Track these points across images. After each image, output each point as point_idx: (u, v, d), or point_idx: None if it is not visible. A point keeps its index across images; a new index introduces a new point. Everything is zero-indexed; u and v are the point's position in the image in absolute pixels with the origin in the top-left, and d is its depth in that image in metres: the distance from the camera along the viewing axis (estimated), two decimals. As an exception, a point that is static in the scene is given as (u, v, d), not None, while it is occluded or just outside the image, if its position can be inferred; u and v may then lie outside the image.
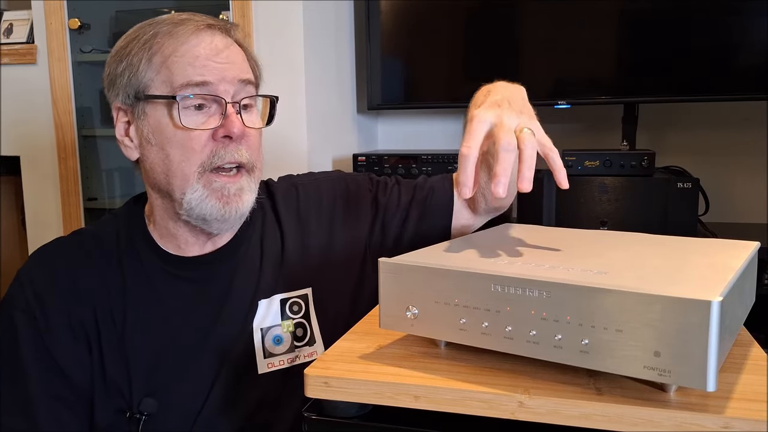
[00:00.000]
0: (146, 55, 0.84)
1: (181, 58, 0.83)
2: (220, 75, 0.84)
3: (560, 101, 1.84)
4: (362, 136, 2.20)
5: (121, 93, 0.86)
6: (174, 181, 0.84)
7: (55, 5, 1.91)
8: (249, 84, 0.87)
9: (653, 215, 1.59)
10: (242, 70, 0.87)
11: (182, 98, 0.82)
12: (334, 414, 0.57)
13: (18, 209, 2.19)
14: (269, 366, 0.91)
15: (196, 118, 0.84)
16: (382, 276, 0.61)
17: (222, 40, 0.86)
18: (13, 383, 0.84)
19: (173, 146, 0.83)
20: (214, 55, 0.84)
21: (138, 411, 0.85)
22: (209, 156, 0.83)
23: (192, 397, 0.87)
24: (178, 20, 0.86)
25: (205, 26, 0.85)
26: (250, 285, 0.92)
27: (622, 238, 0.76)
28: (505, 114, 0.72)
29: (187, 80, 0.82)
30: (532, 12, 1.85)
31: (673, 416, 0.48)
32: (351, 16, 2.13)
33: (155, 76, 0.84)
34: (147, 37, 0.85)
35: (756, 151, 1.90)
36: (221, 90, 0.84)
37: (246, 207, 0.87)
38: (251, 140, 0.87)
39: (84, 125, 1.99)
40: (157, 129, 0.85)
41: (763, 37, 1.65)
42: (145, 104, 0.85)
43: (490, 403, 0.52)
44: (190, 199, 0.84)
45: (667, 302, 0.48)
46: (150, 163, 0.87)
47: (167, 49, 0.84)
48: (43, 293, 0.87)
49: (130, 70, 0.85)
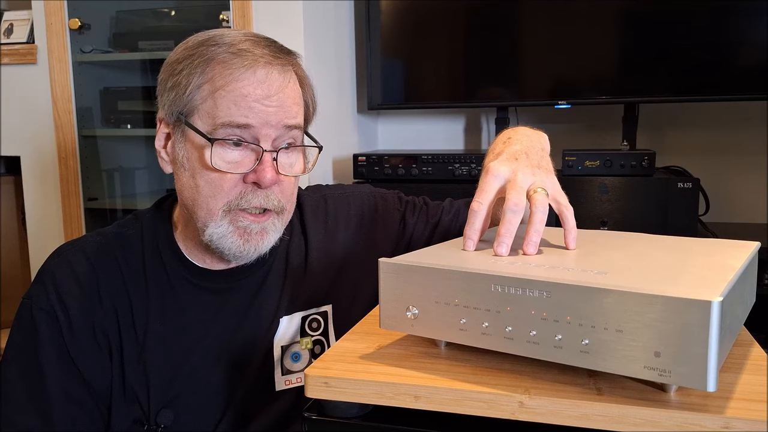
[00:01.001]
0: (196, 80, 0.81)
1: (229, 93, 0.80)
2: (264, 119, 0.80)
3: (560, 101, 1.84)
4: (362, 136, 2.20)
5: (167, 107, 0.84)
6: (199, 212, 0.83)
7: (55, 5, 1.91)
8: (295, 129, 0.84)
9: (653, 215, 1.59)
10: (290, 114, 0.83)
11: (216, 142, 0.80)
12: (334, 414, 0.57)
13: (18, 209, 2.19)
14: (287, 383, 0.90)
15: (231, 155, 0.81)
16: (382, 276, 0.61)
17: (278, 80, 0.82)
18: (32, 383, 0.83)
19: (203, 180, 0.82)
20: (264, 98, 0.80)
21: (155, 423, 0.84)
22: (237, 197, 0.82)
23: (208, 410, 0.86)
24: (237, 49, 0.81)
25: (263, 64, 0.81)
26: (272, 301, 0.91)
27: (622, 238, 0.76)
28: (520, 170, 0.70)
29: (229, 120, 0.80)
30: (532, 12, 1.85)
31: (674, 416, 0.48)
32: (351, 16, 2.13)
33: (201, 104, 0.81)
34: (200, 60, 0.82)
35: (756, 151, 1.90)
36: (262, 134, 0.81)
37: (266, 247, 0.85)
38: (284, 186, 0.85)
39: (84, 125, 1.99)
40: (191, 157, 0.83)
41: (763, 37, 1.65)
42: (186, 128, 0.83)
43: (490, 403, 0.52)
44: (212, 233, 0.83)
45: (668, 302, 0.48)
46: (181, 184, 0.85)
47: (218, 80, 0.80)
48: (66, 296, 0.85)
49: (178, 89, 0.82)
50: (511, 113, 2.00)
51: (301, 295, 0.93)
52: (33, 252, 2.04)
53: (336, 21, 2.01)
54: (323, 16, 1.91)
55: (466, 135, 2.20)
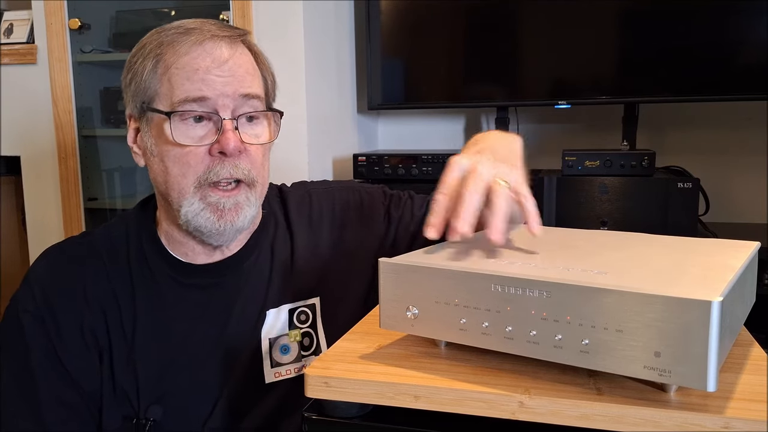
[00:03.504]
0: (150, 65, 0.84)
1: (180, 70, 0.82)
2: (219, 89, 0.82)
3: (560, 101, 1.84)
4: (362, 136, 2.20)
5: (131, 101, 0.87)
6: (172, 194, 0.84)
7: (55, 5, 1.91)
8: (252, 98, 0.85)
9: (653, 215, 1.59)
10: (244, 83, 0.84)
11: (175, 116, 0.82)
12: (334, 414, 0.57)
13: (18, 209, 2.19)
14: (276, 375, 0.90)
15: (194, 131, 0.83)
16: (382, 276, 0.61)
17: (227, 50, 0.84)
18: (22, 387, 0.84)
19: (171, 160, 0.83)
20: (216, 67, 0.82)
21: (144, 417, 0.85)
22: (205, 171, 0.83)
23: (198, 404, 0.87)
24: (184, 29, 0.84)
25: (210, 37, 0.84)
26: (259, 294, 0.91)
27: (622, 238, 0.76)
28: (481, 162, 0.70)
29: (185, 95, 0.82)
30: (532, 12, 1.85)
31: (674, 416, 0.48)
32: (351, 16, 2.13)
33: (159, 87, 0.83)
34: (152, 46, 0.85)
35: (756, 151, 1.90)
36: (220, 104, 0.82)
37: (242, 221, 0.85)
38: (252, 155, 0.85)
39: (84, 125, 1.99)
40: (157, 141, 0.85)
41: (763, 37, 1.65)
42: (150, 115, 0.85)
43: (490, 403, 0.52)
44: (186, 212, 0.84)
45: (668, 302, 0.47)
46: (153, 172, 0.87)
47: (169, 59, 0.83)
48: (53, 298, 0.86)
49: (136, 80, 0.85)
50: (511, 113, 2.00)
51: (287, 288, 0.93)
52: (33, 252, 2.04)
53: (336, 21, 2.01)
54: (323, 16, 1.91)
55: (466, 135, 2.20)
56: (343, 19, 2.07)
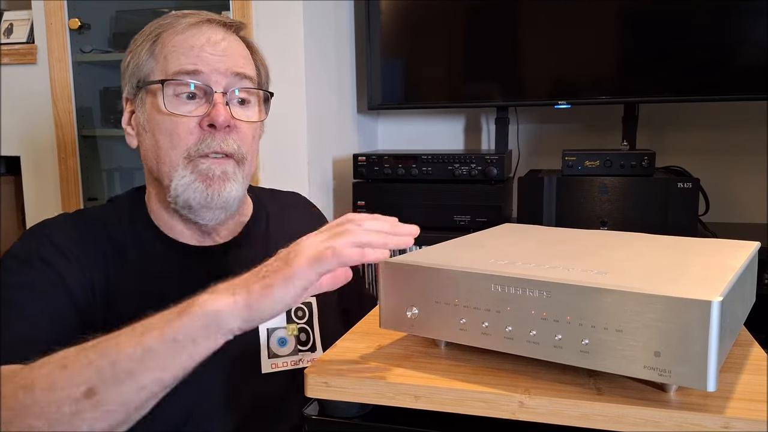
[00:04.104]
0: (149, 46, 0.87)
1: (177, 47, 0.86)
2: (212, 66, 0.85)
3: (560, 101, 1.84)
4: (362, 136, 2.20)
5: (128, 84, 0.90)
6: (162, 168, 0.86)
7: (55, 5, 1.91)
8: (245, 78, 0.88)
9: (653, 215, 1.59)
10: (237, 63, 0.88)
11: (168, 84, 0.84)
12: (334, 414, 0.57)
13: (18, 209, 2.19)
14: (273, 366, 0.91)
15: (186, 106, 0.85)
16: (383, 276, 0.61)
17: (221, 33, 0.88)
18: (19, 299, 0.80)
19: (162, 132, 0.85)
20: (210, 46, 0.86)
21: None
22: (195, 143, 0.84)
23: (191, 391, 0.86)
24: (183, 14, 0.89)
25: (206, 20, 0.87)
26: None
27: (622, 238, 0.76)
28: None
29: (179, 68, 0.84)
30: (532, 12, 1.85)
31: (674, 416, 0.48)
32: (351, 16, 2.13)
33: (155, 65, 0.87)
34: (152, 29, 0.88)
35: (756, 151, 1.90)
36: (212, 80, 0.85)
37: (229, 194, 0.86)
38: (242, 132, 0.87)
39: (84, 125, 1.99)
40: (150, 115, 0.87)
41: (763, 37, 1.65)
42: (145, 92, 0.87)
43: (490, 403, 0.52)
44: (176, 185, 0.85)
45: (668, 302, 0.48)
46: (144, 149, 0.89)
47: (167, 39, 0.87)
48: (58, 245, 0.84)
49: (134, 61, 0.88)
50: (511, 113, 2.00)
51: None
52: (33, 252, 2.03)
53: (336, 21, 2.01)
54: (323, 16, 1.90)
55: (466, 135, 2.20)
56: (343, 19, 2.07)
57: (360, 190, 1.83)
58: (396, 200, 1.80)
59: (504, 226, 0.85)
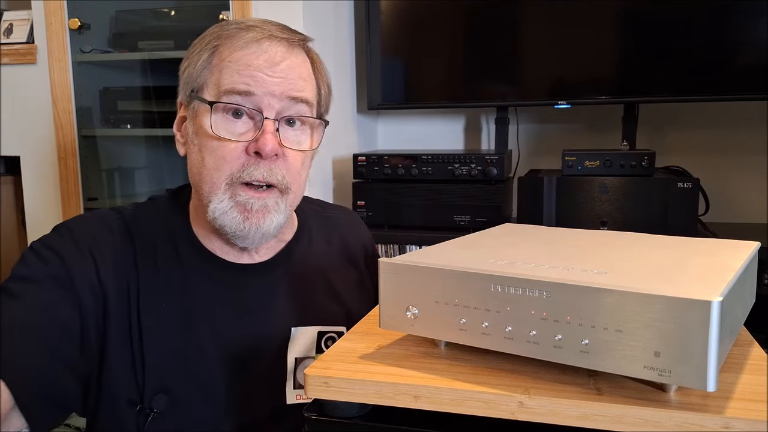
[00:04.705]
0: (206, 55, 0.83)
1: (233, 63, 0.81)
2: (267, 88, 0.81)
3: (560, 101, 1.84)
4: (362, 136, 2.20)
5: (183, 88, 0.86)
6: (204, 186, 0.83)
7: (55, 5, 1.91)
8: (301, 102, 0.83)
9: (653, 215, 1.59)
10: (295, 86, 0.83)
11: (217, 106, 0.81)
12: (334, 414, 0.57)
13: (18, 209, 2.19)
14: (298, 398, 0.86)
15: (234, 126, 0.81)
16: (382, 276, 0.61)
17: (283, 52, 0.82)
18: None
19: (208, 152, 0.82)
20: (268, 67, 0.81)
21: (149, 407, 0.80)
22: (239, 169, 0.81)
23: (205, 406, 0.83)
24: (246, 25, 0.83)
25: (268, 36, 0.82)
26: (285, 306, 0.89)
27: (622, 238, 0.76)
28: None
29: (231, 87, 0.80)
30: (532, 12, 1.85)
31: (674, 416, 0.48)
32: (351, 16, 2.13)
33: (209, 77, 0.83)
34: (211, 38, 0.84)
35: (756, 151, 1.90)
36: (264, 103, 0.81)
37: (268, 226, 0.83)
38: (289, 161, 0.84)
39: (84, 125, 1.99)
40: (198, 131, 0.83)
41: (763, 37, 1.65)
42: (196, 104, 0.84)
43: (490, 403, 0.52)
44: (214, 209, 0.82)
45: (668, 302, 0.48)
46: (190, 162, 0.86)
47: (225, 52, 0.82)
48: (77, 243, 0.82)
49: (190, 67, 0.85)
50: (511, 113, 2.00)
51: (317, 308, 0.91)
52: (33, 252, 2.03)
53: (336, 21, 2.01)
54: (323, 16, 1.90)
55: (466, 135, 2.20)
56: (343, 19, 2.07)
57: (360, 190, 1.83)
58: (396, 200, 1.80)
59: (504, 226, 0.85)
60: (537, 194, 1.65)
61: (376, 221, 1.81)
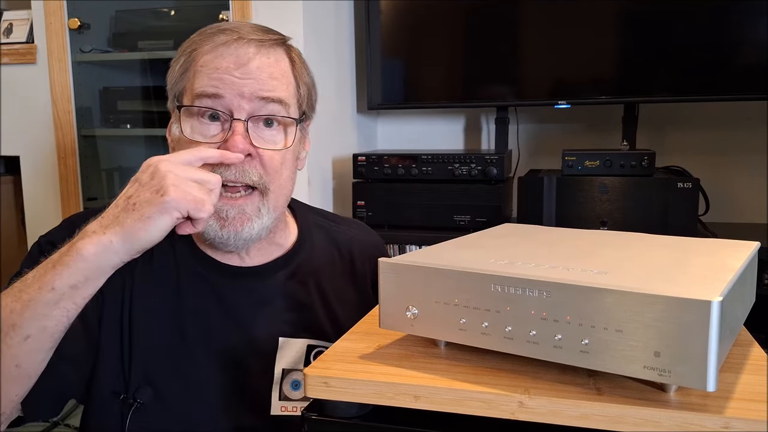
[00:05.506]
0: (185, 62, 0.85)
1: (204, 67, 0.83)
2: (236, 90, 0.81)
3: (560, 101, 1.84)
4: (362, 136, 2.20)
5: (169, 95, 0.89)
6: None
7: (55, 5, 1.91)
8: (273, 102, 0.83)
9: (653, 215, 1.59)
10: (265, 87, 0.83)
11: (187, 110, 0.82)
12: (334, 414, 0.57)
13: (18, 209, 2.19)
14: (282, 409, 0.86)
15: (207, 129, 0.83)
16: (382, 276, 0.61)
17: (252, 53, 0.82)
18: None
19: None
20: (236, 68, 0.81)
21: (133, 397, 0.81)
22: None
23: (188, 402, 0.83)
24: (219, 29, 0.84)
25: (237, 38, 0.82)
26: (275, 314, 0.88)
27: (622, 238, 0.76)
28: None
29: (201, 90, 0.82)
30: (532, 12, 1.85)
31: (674, 416, 0.48)
32: (351, 16, 2.13)
33: (186, 83, 0.85)
34: (188, 44, 0.86)
35: (756, 151, 1.90)
36: (234, 105, 0.81)
37: (249, 232, 0.83)
38: (265, 161, 0.83)
39: (84, 125, 1.99)
40: (180, 136, 0.85)
41: (763, 37, 1.65)
42: (177, 109, 0.85)
43: (490, 403, 0.52)
44: None
45: (668, 302, 0.47)
46: None
47: (198, 57, 0.84)
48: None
49: (172, 75, 0.87)
50: (511, 113, 2.00)
51: (307, 321, 0.90)
52: (33, 252, 2.03)
53: (336, 21, 2.01)
54: (323, 16, 1.90)
55: (466, 135, 2.20)
56: (343, 19, 2.07)
57: (360, 190, 1.83)
58: (396, 200, 1.80)
59: (504, 226, 0.85)
60: (537, 194, 1.65)
61: (375, 221, 1.81)
